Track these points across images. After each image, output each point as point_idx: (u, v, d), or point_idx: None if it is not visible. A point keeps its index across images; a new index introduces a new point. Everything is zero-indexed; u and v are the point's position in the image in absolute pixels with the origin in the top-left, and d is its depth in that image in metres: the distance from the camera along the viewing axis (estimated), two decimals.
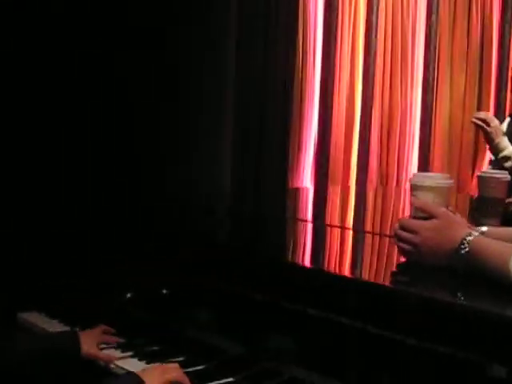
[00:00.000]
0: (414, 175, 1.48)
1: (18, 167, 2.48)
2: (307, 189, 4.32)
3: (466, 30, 5.25)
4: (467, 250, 1.25)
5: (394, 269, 1.54)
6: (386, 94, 5.06)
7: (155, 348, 1.61)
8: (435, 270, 1.32)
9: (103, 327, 1.68)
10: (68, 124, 2.70)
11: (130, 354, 1.58)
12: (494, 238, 1.29)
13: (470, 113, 5.28)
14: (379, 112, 5.02)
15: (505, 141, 2.92)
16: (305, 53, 4.53)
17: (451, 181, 1.45)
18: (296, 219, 2.25)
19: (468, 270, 1.25)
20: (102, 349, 1.60)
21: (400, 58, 5.08)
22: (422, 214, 1.37)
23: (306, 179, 4.62)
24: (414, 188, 1.44)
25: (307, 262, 1.65)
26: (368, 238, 1.93)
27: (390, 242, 1.68)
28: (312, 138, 4.66)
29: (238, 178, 3.87)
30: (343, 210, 2.87)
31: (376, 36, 4.93)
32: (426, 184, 1.42)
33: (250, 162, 4.05)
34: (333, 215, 2.63)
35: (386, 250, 1.75)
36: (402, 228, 1.39)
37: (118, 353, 1.59)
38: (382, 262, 1.65)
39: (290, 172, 4.45)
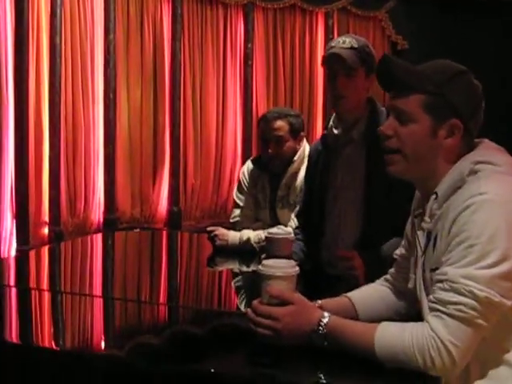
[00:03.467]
0: (263, 264, 1.59)
1: None
2: None
3: (139, 47, 5.38)
4: (325, 331, 1.48)
5: None
6: (69, 114, 4.93)
7: None
8: None
9: None
10: None
11: None
12: (332, 309, 1.55)
13: (147, 124, 5.49)
14: (64, 133, 4.88)
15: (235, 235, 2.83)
16: None
17: (297, 268, 1.60)
18: None
19: (328, 346, 1.48)
20: None
21: (81, 77, 4.99)
22: (277, 300, 1.53)
23: None
24: (267, 277, 1.56)
25: None
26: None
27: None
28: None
29: None
30: None
31: (60, 57, 4.76)
32: (278, 274, 1.56)
33: None
34: None
35: None
36: (261, 315, 1.52)
37: None
38: None
39: None
